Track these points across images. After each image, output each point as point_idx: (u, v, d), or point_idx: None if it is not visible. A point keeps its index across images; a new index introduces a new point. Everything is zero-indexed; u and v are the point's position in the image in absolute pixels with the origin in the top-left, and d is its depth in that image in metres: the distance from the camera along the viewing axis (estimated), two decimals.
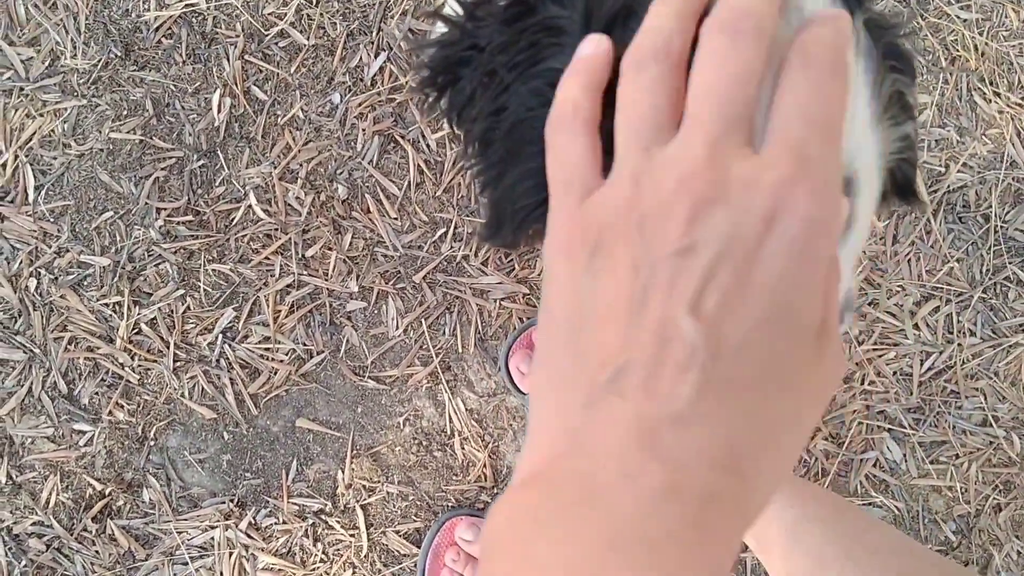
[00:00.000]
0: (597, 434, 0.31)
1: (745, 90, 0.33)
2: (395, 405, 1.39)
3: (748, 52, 0.33)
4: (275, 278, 1.37)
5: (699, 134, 0.33)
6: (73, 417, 1.35)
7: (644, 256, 0.32)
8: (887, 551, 0.96)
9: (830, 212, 0.32)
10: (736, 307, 0.31)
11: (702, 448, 0.30)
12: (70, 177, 1.36)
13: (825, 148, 0.32)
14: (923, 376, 1.46)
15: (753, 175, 0.32)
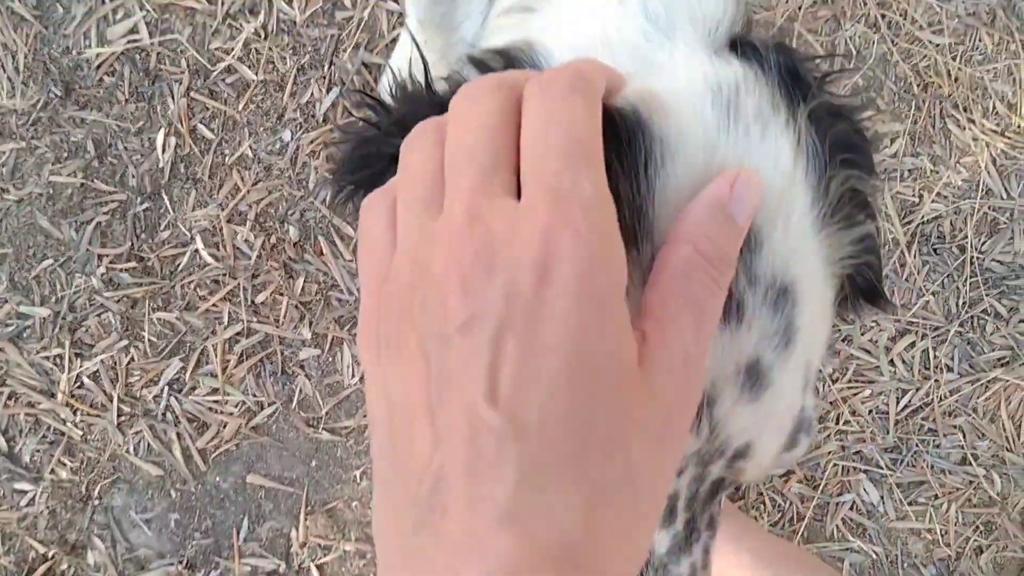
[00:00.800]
0: (428, 561, 0.29)
1: (494, 140, 0.32)
2: (351, 458, 1.33)
3: (490, 103, 0.33)
4: (223, 326, 1.31)
5: (457, 197, 0.31)
6: (14, 476, 1.28)
7: (430, 341, 0.30)
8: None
9: (599, 243, 0.30)
10: (533, 377, 0.29)
11: (532, 549, 0.28)
12: (8, 223, 1.30)
13: (577, 175, 0.31)
14: (899, 414, 1.42)
15: (513, 228, 0.30)
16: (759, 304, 0.42)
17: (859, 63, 1.43)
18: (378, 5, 1.34)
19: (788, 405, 0.45)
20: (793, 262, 0.43)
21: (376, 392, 0.33)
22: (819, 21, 1.41)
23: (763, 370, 0.43)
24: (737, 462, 0.46)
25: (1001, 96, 1.46)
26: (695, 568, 0.49)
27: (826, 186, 0.46)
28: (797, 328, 0.43)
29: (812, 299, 0.45)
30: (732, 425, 0.44)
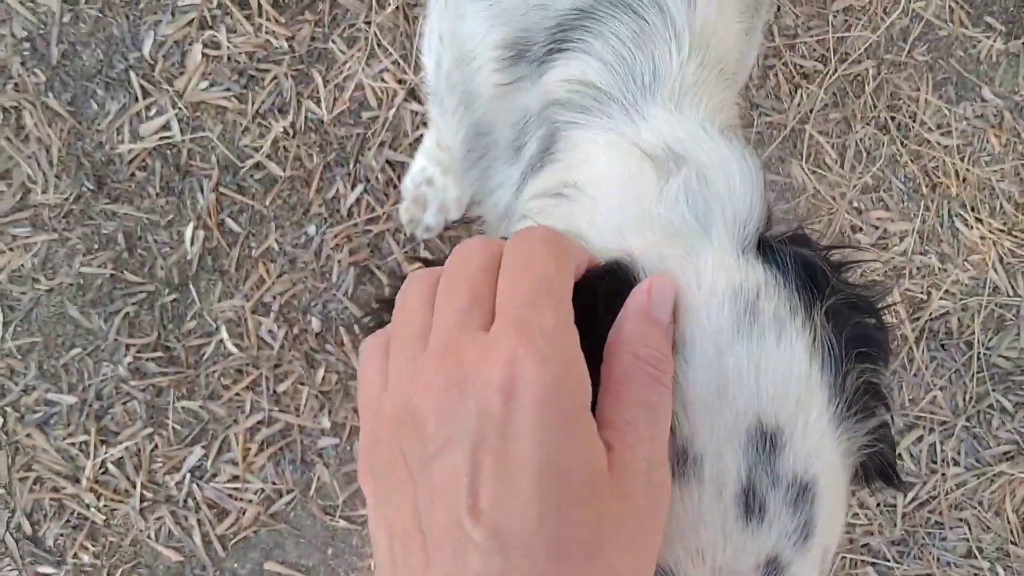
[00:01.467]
0: None
1: (474, 285, 0.36)
2: (367, 546, 1.36)
3: (476, 256, 0.38)
4: (245, 415, 1.35)
5: (436, 334, 0.35)
6: (37, 559, 1.31)
7: (415, 466, 0.33)
8: None
9: (561, 365, 0.34)
10: (509, 490, 0.32)
11: None
12: (39, 312, 1.34)
13: (540, 308, 0.35)
14: (907, 507, 1.44)
15: (482, 355, 0.33)
16: (780, 503, 0.44)
17: (869, 164, 1.46)
18: (402, 106, 1.39)
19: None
20: (813, 461, 0.45)
21: (376, 519, 0.36)
22: (830, 123, 1.45)
23: (782, 565, 0.44)
24: None
25: (1008, 196, 1.49)
26: None
27: (842, 382, 0.48)
28: (816, 523, 0.45)
29: (831, 493, 0.46)
30: None
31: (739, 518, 0.44)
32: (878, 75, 1.47)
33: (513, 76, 0.65)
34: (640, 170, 0.51)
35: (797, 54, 1.46)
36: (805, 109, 1.45)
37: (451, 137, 0.84)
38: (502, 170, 0.72)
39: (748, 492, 0.44)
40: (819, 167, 1.46)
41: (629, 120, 0.55)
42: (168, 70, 1.38)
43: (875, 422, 0.50)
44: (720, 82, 0.59)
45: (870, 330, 0.53)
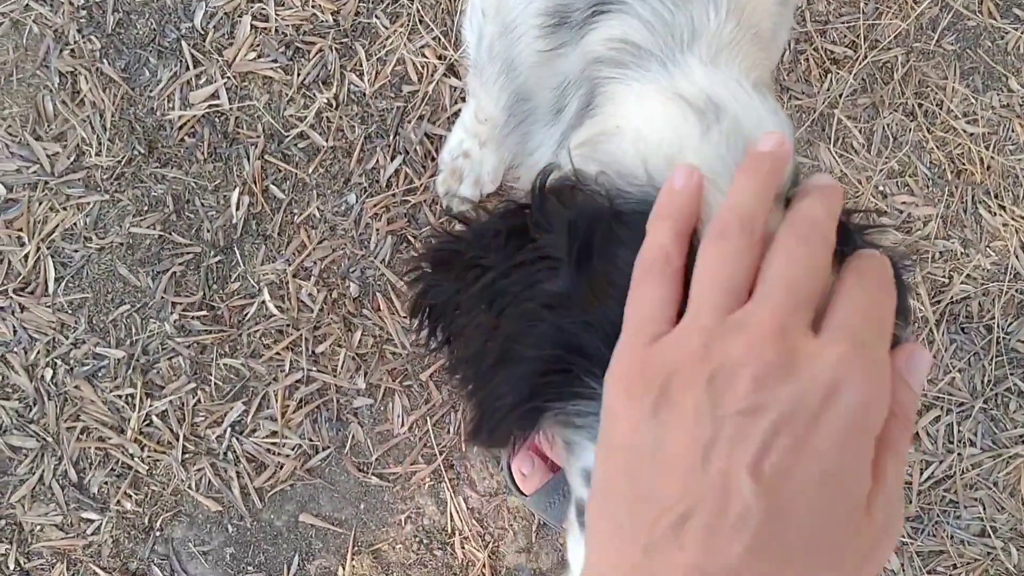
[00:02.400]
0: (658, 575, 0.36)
1: (812, 283, 0.39)
2: (398, 502, 1.41)
3: (819, 255, 0.40)
4: (285, 373, 1.40)
5: (769, 309, 0.38)
6: (82, 506, 1.37)
7: (711, 410, 0.36)
8: None
9: (881, 392, 0.37)
10: (793, 471, 0.35)
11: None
12: (90, 270, 1.40)
13: (878, 339, 0.38)
14: (923, 485, 1.47)
15: (817, 351, 0.36)
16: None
17: (895, 149, 1.50)
18: (442, 81, 1.43)
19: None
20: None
21: (628, 433, 0.39)
22: (859, 108, 1.49)
23: None
24: None
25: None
26: None
27: None
28: None
29: None
30: None
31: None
32: (907, 62, 1.50)
33: (555, 42, 0.67)
34: (682, 115, 0.53)
35: (828, 40, 1.49)
36: (834, 94, 1.48)
37: (492, 105, 0.87)
38: (542, 132, 0.75)
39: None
40: (846, 151, 1.49)
41: (667, 73, 0.57)
42: (218, 40, 1.43)
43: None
44: (754, 44, 0.61)
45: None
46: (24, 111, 1.41)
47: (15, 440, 1.37)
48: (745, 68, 0.59)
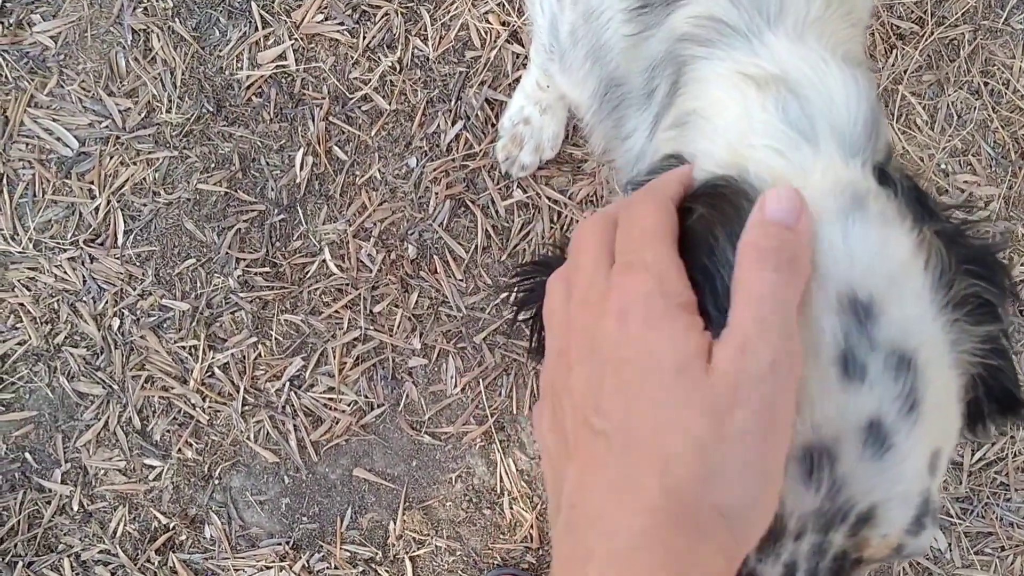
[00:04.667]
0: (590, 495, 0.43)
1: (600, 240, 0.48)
2: (449, 461, 1.43)
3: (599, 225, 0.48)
4: (343, 331, 1.43)
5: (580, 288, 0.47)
6: (144, 452, 1.41)
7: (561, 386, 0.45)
8: None
9: (653, 282, 0.43)
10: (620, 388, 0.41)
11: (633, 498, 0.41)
12: (158, 224, 1.44)
13: (639, 253, 0.45)
14: (973, 466, 1.47)
15: (604, 295, 0.43)
16: (881, 367, 0.46)
17: (959, 127, 1.48)
18: (504, 47, 1.44)
19: (914, 476, 0.47)
20: (912, 334, 0.47)
21: (544, 431, 0.47)
22: (923, 85, 1.47)
23: (886, 431, 0.46)
24: (861, 530, 0.47)
25: None
26: None
27: (949, 282, 0.49)
28: (921, 399, 0.46)
29: (936, 376, 0.48)
30: (855, 483, 0.46)
31: (839, 378, 0.46)
32: (974, 40, 1.49)
33: (642, 25, 0.67)
34: (753, 93, 0.54)
35: (895, 15, 1.48)
36: (899, 70, 1.47)
37: (576, 92, 0.86)
38: (635, 116, 0.74)
39: (847, 354, 0.46)
40: (909, 128, 1.48)
41: (751, 49, 0.58)
42: (287, 2, 1.46)
43: (986, 331, 0.51)
44: (844, 19, 0.61)
45: (986, 256, 0.54)
46: (97, 67, 1.45)
47: (82, 386, 1.41)
48: (833, 44, 0.58)
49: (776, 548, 0.48)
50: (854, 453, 0.46)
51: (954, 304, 0.50)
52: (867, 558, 0.48)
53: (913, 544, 0.48)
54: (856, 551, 0.47)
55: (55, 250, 1.42)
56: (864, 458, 0.46)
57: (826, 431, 0.46)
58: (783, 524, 0.47)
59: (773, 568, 0.48)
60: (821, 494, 0.46)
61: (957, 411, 0.52)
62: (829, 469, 0.46)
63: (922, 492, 0.47)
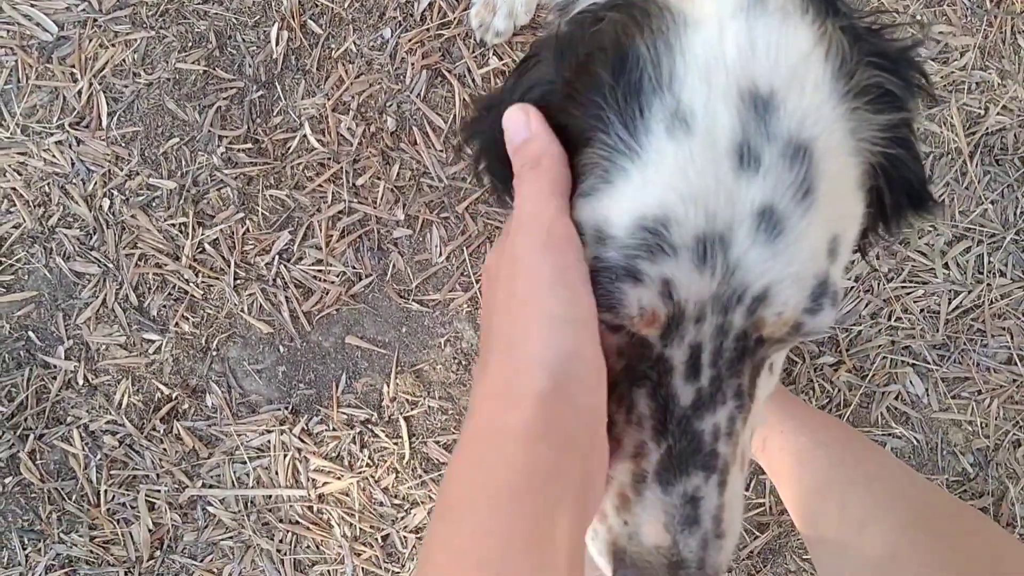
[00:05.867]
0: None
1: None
2: (437, 327, 1.48)
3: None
4: (327, 205, 1.46)
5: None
6: (143, 327, 1.46)
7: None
8: (886, 478, 1.02)
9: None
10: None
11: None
12: (140, 104, 1.46)
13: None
14: (950, 314, 1.50)
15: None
16: (776, 158, 0.48)
17: None
18: None
19: (808, 258, 0.49)
20: (809, 123, 0.49)
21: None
22: None
23: (778, 216, 0.48)
24: (757, 309, 0.49)
25: None
26: (718, 430, 0.52)
27: (850, 72, 0.51)
28: (816, 186, 0.48)
29: (832, 163, 0.50)
30: (748, 267, 0.48)
31: (733, 169, 0.48)
32: None
33: None
34: None
35: None
36: None
37: None
38: None
39: (743, 146, 0.48)
40: None
41: None
42: None
43: (888, 119, 0.53)
44: None
45: (891, 50, 0.55)
46: None
47: (78, 266, 1.46)
48: None
49: (680, 332, 0.51)
50: (747, 238, 0.48)
51: (855, 93, 0.51)
52: (767, 336, 0.51)
53: (811, 323, 0.50)
54: (755, 330, 0.50)
55: (42, 134, 1.45)
56: (757, 242, 0.48)
57: (720, 219, 0.48)
58: (682, 310, 0.50)
59: (679, 350, 0.52)
60: (716, 279, 0.49)
61: (856, 198, 0.54)
62: (723, 255, 0.48)
63: (818, 275, 0.50)
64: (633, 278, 0.50)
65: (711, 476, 0.52)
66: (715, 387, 0.52)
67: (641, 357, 0.54)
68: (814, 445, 1.15)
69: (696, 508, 0.52)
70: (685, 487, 0.52)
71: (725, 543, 0.53)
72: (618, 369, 0.55)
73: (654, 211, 0.49)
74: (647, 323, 0.51)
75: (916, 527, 0.90)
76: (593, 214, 0.53)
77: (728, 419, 0.52)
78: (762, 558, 1.50)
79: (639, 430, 0.54)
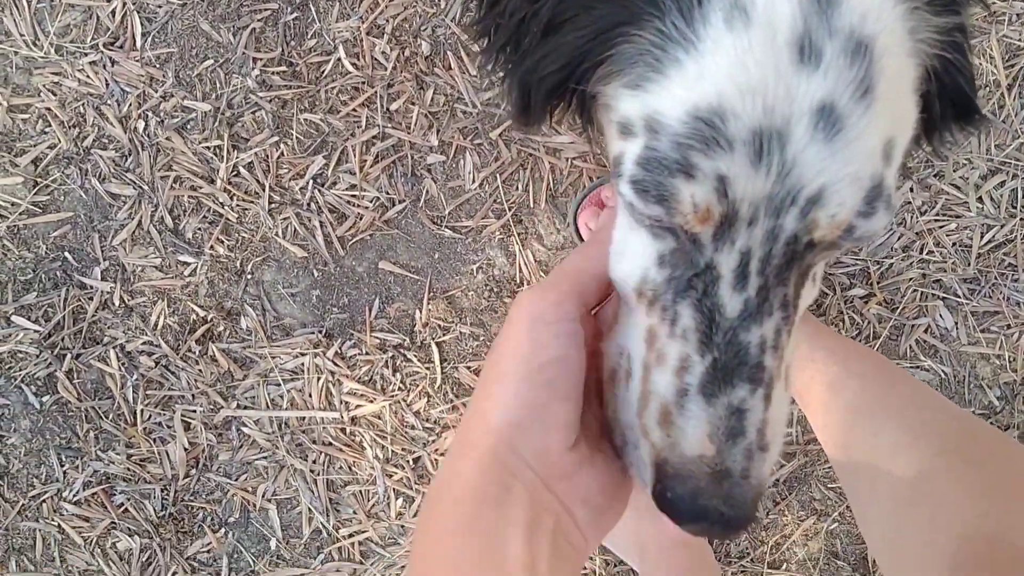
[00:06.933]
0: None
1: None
2: (469, 253, 1.48)
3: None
4: (361, 130, 1.46)
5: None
6: (178, 249, 1.47)
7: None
8: (919, 405, 1.02)
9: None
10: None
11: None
12: (174, 25, 1.45)
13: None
14: (982, 248, 1.50)
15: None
16: (837, 53, 0.47)
17: None
18: None
19: (865, 159, 0.48)
20: (871, 19, 0.48)
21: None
22: None
23: (838, 114, 0.47)
24: (811, 211, 0.48)
25: None
26: (764, 342, 0.51)
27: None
28: (875, 85, 0.47)
29: (891, 63, 0.49)
30: (805, 166, 0.47)
31: (793, 63, 0.46)
32: None
33: None
34: None
35: None
36: None
37: None
38: None
39: (803, 39, 0.47)
40: None
41: None
42: None
43: (945, 21, 0.52)
44: None
45: None
46: None
47: (114, 187, 1.46)
48: None
49: (731, 235, 0.50)
50: (805, 135, 0.47)
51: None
52: (818, 240, 0.50)
53: (864, 226, 0.49)
54: (807, 233, 0.49)
55: (76, 54, 1.45)
56: (815, 140, 0.47)
57: (777, 113, 0.46)
58: (735, 210, 0.49)
59: (729, 256, 0.50)
60: (771, 177, 0.47)
61: (911, 102, 0.53)
62: (779, 152, 0.47)
63: (873, 176, 0.49)
64: (686, 174, 0.48)
65: (757, 389, 0.51)
66: (762, 297, 0.51)
67: (688, 264, 0.53)
68: (846, 374, 1.15)
69: (741, 420, 0.51)
70: (730, 399, 0.51)
71: (769, 455, 0.52)
72: (660, 280, 0.54)
73: (709, 101, 0.47)
74: (701, 219, 0.50)
75: (952, 452, 0.89)
76: (643, 106, 0.52)
77: (775, 331, 0.52)
78: (788, 486, 1.52)
79: (684, 343, 0.53)
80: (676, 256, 0.54)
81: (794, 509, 1.52)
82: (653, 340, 0.54)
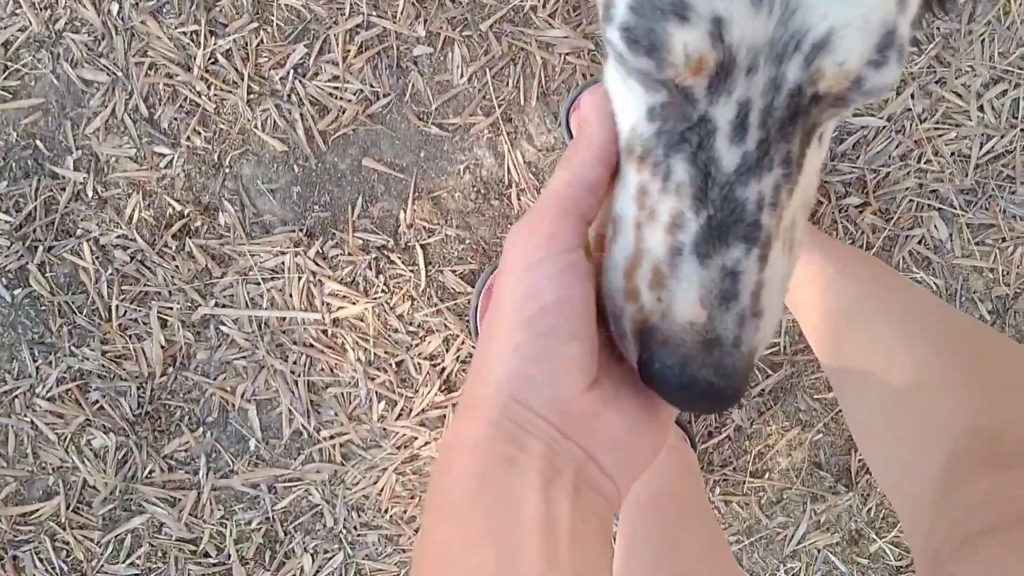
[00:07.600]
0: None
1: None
2: (456, 152, 1.44)
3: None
4: (345, 17, 1.40)
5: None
6: (154, 140, 1.42)
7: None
8: (918, 306, 1.00)
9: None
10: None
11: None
12: None
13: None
14: (980, 159, 1.47)
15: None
16: None
17: None
18: None
19: (877, 2, 0.44)
20: None
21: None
22: None
23: None
24: (816, 58, 0.44)
25: None
26: (762, 199, 0.47)
27: None
28: None
29: None
30: (810, 6, 0.42)
31: None
32: None
33: None
34: None
35: None
36: None
37: None
38: None
39: None
40: None
41: None
42: None
43: None
44: None
45: None
46: None
47: (87, 73, 1.40)
48: None
49: (728, 85, 0.46)
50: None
51: None
52: (824, 91, 0.46)
53: (874, 78, 0.45)
54: (812, 85, 0.45)
55: None
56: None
57: None
58: (732, 56, 0.44)
59: (726, 108, 0.46)
60: (774, 19, 0.43)
61: None
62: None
63: (886, 22, 0.44)
64: (680, 16, 0.43)
65: (752, 249, 0.48)
66: (762, 151, 0.46)
67: (680, 118, 0.49)
68: (842, 276, 1.12)
69: (735, 283, 0.47)
70: (724, 260, 0.47)
71: (763, 323, 0.49)
72: (649, 134, 0.50)
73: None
74: (693, 71, 0.45)
75: (950, 350, 0.86)
76: None
77: (774, 187, 0.48)
78: (773, 397, 1.51)
79: (677, 199, 0.49)
80: (667, 109, 0.49)
81: (779, 419, 1.51)
82: (644, 197, 0.50)
